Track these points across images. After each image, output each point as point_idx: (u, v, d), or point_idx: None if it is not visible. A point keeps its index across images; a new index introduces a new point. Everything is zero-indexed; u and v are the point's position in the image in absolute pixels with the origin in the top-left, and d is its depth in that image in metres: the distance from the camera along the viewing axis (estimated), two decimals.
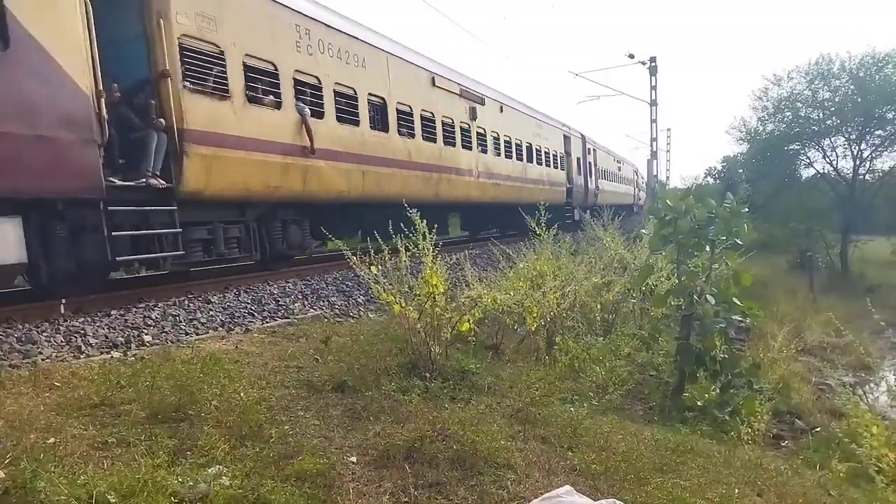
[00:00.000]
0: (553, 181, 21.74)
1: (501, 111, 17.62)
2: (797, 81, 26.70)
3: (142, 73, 7.52)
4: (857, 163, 26.26)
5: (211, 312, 7.10)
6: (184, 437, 3.55)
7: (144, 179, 7.03)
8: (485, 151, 16.35)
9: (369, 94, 11.41)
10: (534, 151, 20.11)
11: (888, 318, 8.04)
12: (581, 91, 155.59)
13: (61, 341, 5.57)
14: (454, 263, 6.99)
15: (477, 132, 15.74)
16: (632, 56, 31.16)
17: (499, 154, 17.32)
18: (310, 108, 9.60)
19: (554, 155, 22.14)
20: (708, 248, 6.88)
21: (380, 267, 5.58)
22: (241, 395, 4.05)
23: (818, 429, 7.57)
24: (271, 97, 9.03)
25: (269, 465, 3.35)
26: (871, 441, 4.71)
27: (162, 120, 7.26)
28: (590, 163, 27.03)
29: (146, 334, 6.07)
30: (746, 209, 6.94)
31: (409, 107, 12.73)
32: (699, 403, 6.63)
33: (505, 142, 17.72)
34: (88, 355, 5.35)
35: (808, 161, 28.28)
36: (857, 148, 25.97)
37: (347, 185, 10.59)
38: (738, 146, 32.39)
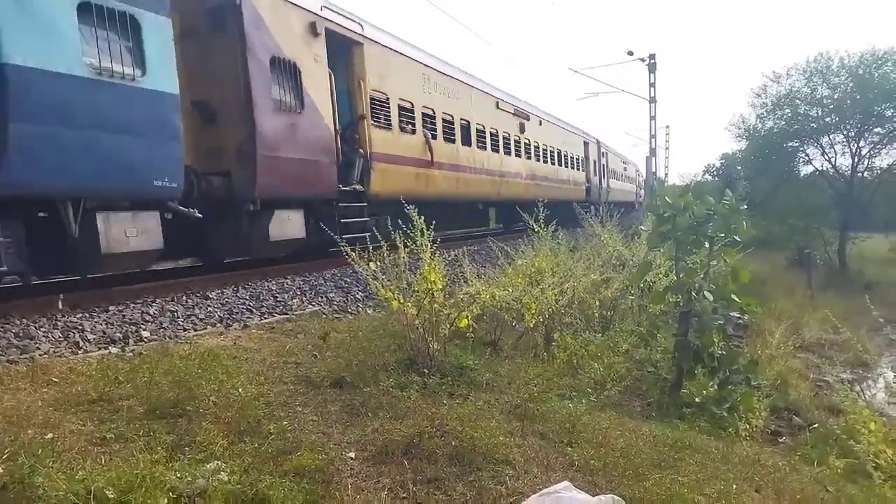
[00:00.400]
0: (576, 181, 25.77)
1: (540, 124, 21.31)
2: (796, 79, 26.78)
3: (347, 117, 11.07)
4: (856, 160, 26.33)
5: (209, 308, 7.09)
6: (182, 433, 3.54)
7: (353, 186, 10.55)
8: (529, 158, 19.97)
9: (460, 118, 15.09)
10: (562, 156, 23.89)
11: (886, 314, 8.04)
12: (580, 88, 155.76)
13: (59, 337, 5.56)
14: (452, 259, 6.99)
15: (524, 143, 19.44)
16: (631, 53, 31.15)
17: (539, 160, 20.96)
18: (430, 132, 13.19)
19: (576, 158, 26.05)
20: (706, 245, 6.89)
21: (378, 263, 5.58)
22: (240, 390, 4.05)
23: (816, 425, 7.58)
24: (410, 126, 12.68)
25: (267, 460, 3.35)
26: (869, 437, 4.72)
27: (361, 149, 10.84)
28: (602, 165, 30.57)
29: (144, 330, 6.07)
30: (745, 206, 6.95)
31: (483, 126, 16.38)
32: (697, 400, 6.64)
33: (543, 149, 21.41)
34: (86, 351, 5.34)
35: (806, 158, 28.37)
36: (855, 145, 26.05)
37: (448, 188, 14.16)
38: (736, 143, 32.52)
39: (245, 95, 8.35)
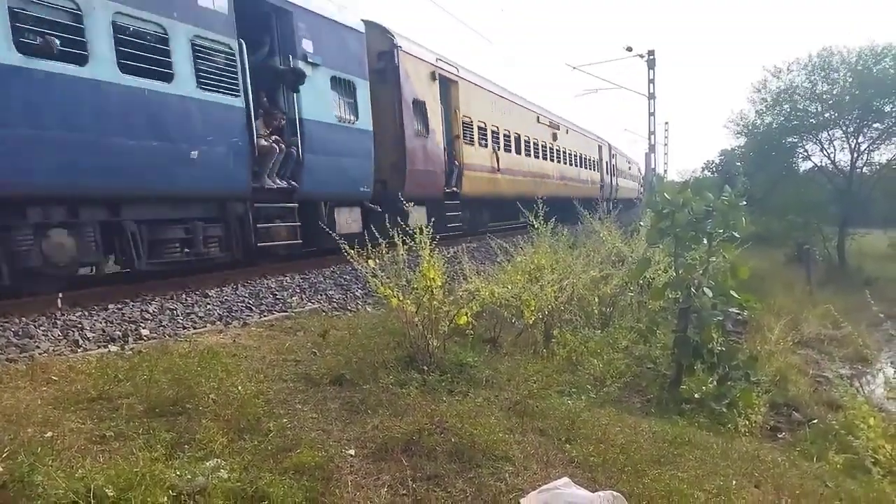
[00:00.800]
0: (592, 180, 29.36)
1: (567, 133, 24.75)
2: (796, 74, 26.73)
3: (447, 137, 14.34)
4: (855, 156, 26.33)
5: (208, 306, 7.09)
6: (182, 431, 3.54)
7: (452, 189, 14.17)
8: (560, 162, 23.63)
9: (514, 132, 18.55)
10: (583, 159, 27.52)
11: (885, 310, 8.02)
12: (579, 85, 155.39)
13: (58, 335, 5.55)
14: (452, 256, 6.99)
15: (556, 149, 22.99)
16: (630, 49, 30.99)
17: (566, 163, 24.54)
18: (495, 145, 16.85)
19: (593, 160, 29.69)
20: (705, 241, 6.89)
21: (377, 260, 5.58)
22: (239, 388, 4.05)
23: (815, 421, 7.59)
24: (484, 141, 16.23)
25: (267, 458, 3.35)
26: (868, 433, 4.72)
27: (456, 161, 14.44)
28: (612, 165, 34.15)
29: (144, 328, 6.07)
30: (744, 202, 6.95)
31: (528, 137, 19.97)
32: (696, 396, 6.66)
33: (569, 154, 24.97)
34: (86, 349, 5.34)
35: (805, 154, 28.35)
36: (854, 141, 26.03)
37: (507, 189, 17.46)
38: (735, 140, 32.50)
39: (399, 127, 11.86)
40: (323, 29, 9.70)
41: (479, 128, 15.79)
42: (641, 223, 11.90)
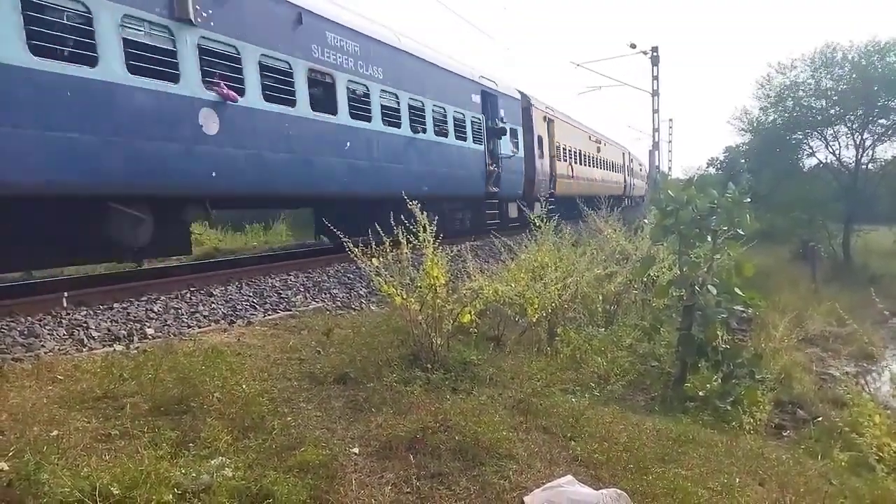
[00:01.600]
0: (618, 182, 35.19)
1: (605, 145, 31.53)
2: (800, 70, 26.56)
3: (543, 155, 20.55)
4: (860, 152, 26.13)
5: (213, 305, 7.11)
6: (186, 430, 3.56)
7: (550, 192, 19.30)
8: (601, 169, 30.26)
9: (577, 148, 24.93)
10: (614, 165, 33.93)
11: (891, 307, 7.99)
12: (582, 82, 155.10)
13: (64, 334, 5.58)
14: (455, 255, 6.99)
15: (599, 159, 29.80)
16: (633, 46, 30.98)
17: (605, 169, 31.12)
18: (570, 159, 23.42)
19: (619, 165, 35.96)
20: (710, 239, 6.87)
21: (381, 259, 5.58)
22: (244, 387, 4.07)
23: (820, 418, 7.57)
24: (566, 157, 22.82)
25: (271, 456, 3.36)
26: (873, 430, 4.71)
27: (552, 172, 20.77)
28: (630, 168, 40.66)
29: (148, 327, 6.09)
30: (748, 199, 6.92)
31: (584, 151, 26.36)
32: (701, 394, 6.63)
33: (606, 162, 31.50)
34: (91, 348, 5.36)
35: (810, 150, 28.16)
36: (859, 137, 25.84)
37: (577, 191, 22.26)
38: (740, 137, 32.28)
39: (530, 153, 18.63)
40: (506, 101, 17.03)
41: (565, 148, 22.85)
42: (646, 220, 11.88)
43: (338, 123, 9.88)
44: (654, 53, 30.96)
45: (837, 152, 27.03)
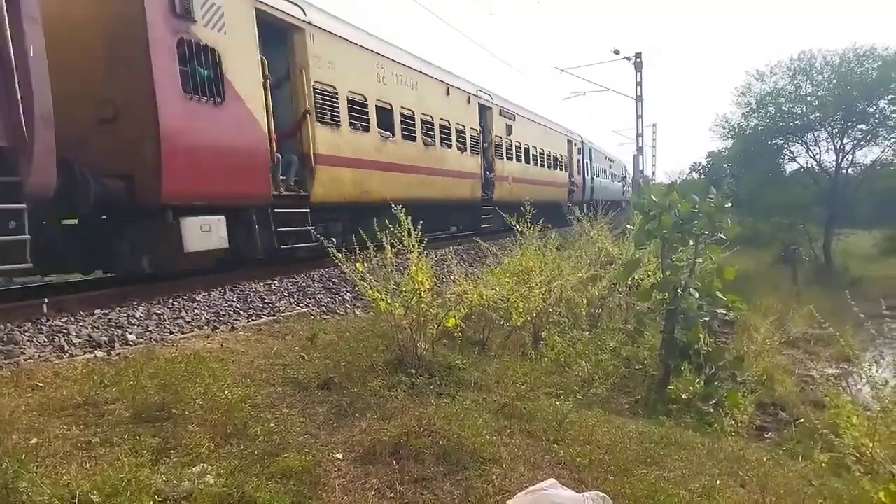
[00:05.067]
0: (620, 189, 41.85)
1: (614, 161, 41.10)
2: (780, 76, 26.94)
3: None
4: (840, 157, 26.52)
5: (196, 311, 7.05)
6: (168, 437, 3.53)
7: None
8: (611, 180, 37.93)
9: (598, 166, 33.62)
10: (617, 177, 41.96)
11: (869, 310, 8.09)
12: (566, 87, 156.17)
13: (44, 341, 5.51)
14: (440, 259, 7.01)
15: (611, 172, 38.57)
16: (617, 52, 31.29)
17: (612, 180, 38.54)
18: (603, 180, 35.50)
19: (620, 176, 43.26)
20: (692, 243, 6.95)
21: (366, 264, 5.58)
22: (226, 393, 4.04)
23: (801, 420, 7.65)
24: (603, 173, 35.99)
25: (254, 462, 3.34)
26: (852, 431, 4.76)
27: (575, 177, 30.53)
28: (625, 177, 45.64)
29: (130, 333, 6.02)
30: (730, 204, 7.01)
31: (605, 168, 36.27)
32: (684, 396, 6.70)
33: (614, 174, 40.08)
34: (72, 355, 5.29)
35: (791, 156, 28.48)
36: (839, 142, 26.23)
37: (600, 197, 28.24)
38: (722, 142, 32.61)
39: (581, 169, 29.10)
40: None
41: (597, 168, 32.86)
42: (629, 225, 11.96)
43: None
44: (638, 59, 31.23)
45: (818, 157, 27.43)
